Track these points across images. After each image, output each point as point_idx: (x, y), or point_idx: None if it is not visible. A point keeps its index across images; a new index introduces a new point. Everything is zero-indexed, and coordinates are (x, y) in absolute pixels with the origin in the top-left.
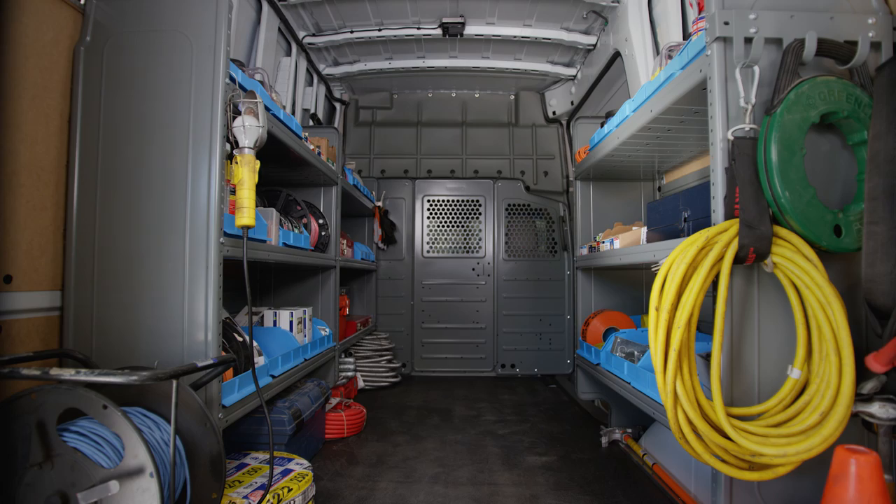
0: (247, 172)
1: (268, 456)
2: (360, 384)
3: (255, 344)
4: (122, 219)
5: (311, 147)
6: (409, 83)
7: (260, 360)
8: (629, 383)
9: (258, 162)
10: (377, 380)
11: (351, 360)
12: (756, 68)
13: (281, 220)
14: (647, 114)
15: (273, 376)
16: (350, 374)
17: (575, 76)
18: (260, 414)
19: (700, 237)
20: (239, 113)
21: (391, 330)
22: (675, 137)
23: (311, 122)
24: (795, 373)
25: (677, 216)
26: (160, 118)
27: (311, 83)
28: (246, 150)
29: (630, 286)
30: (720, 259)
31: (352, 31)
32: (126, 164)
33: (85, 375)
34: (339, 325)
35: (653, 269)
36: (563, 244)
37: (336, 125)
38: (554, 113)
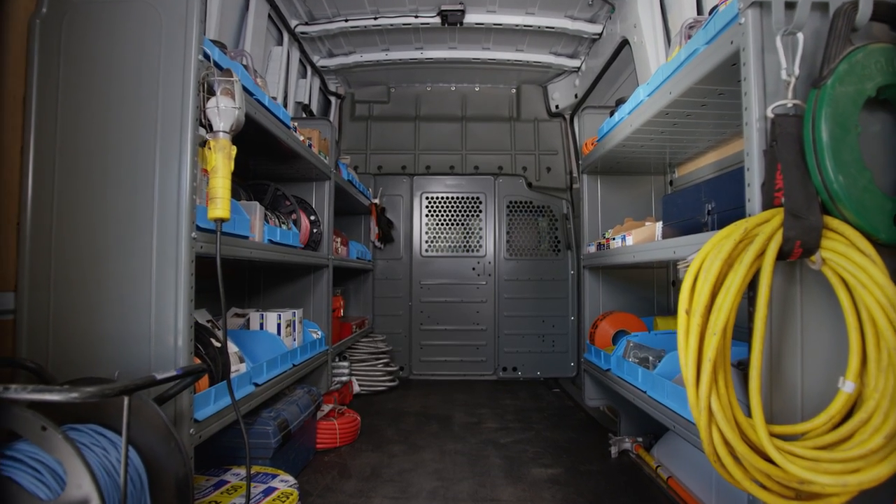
0: (221, 159)
1: (252, 472)
2: (356, 389)
3: (236, 350)
4: (83, 211)
5: (301, 138)
6: (406, 76)
7: (241, 367)
8: (645, 392)
9: (234, 148)
10: (373, 384)
11: (345, 363)
12: (800, 35)
13: (267, 216)
14: (664, 97)
15: (256, 385)
16: (344, 378)
17: (579, 68)
18: (244, 424)
19: (737, 229)
20: (214, 94)
21: (388, 332)
22: (693, 124)
23: (303, 115)
24: (848, 386)
25: (699, 209)
26: (125, 99)
27: (304, 75)
28: (221, 133)
29: (640, 286)
30: (760, 254)
31: (346, 20)
32: (87, 150)
33: (15, 392)
34: (333, 328)
35: (680, 267)
36: (566, 243)
37: (331, 119)
38: (557, 107)
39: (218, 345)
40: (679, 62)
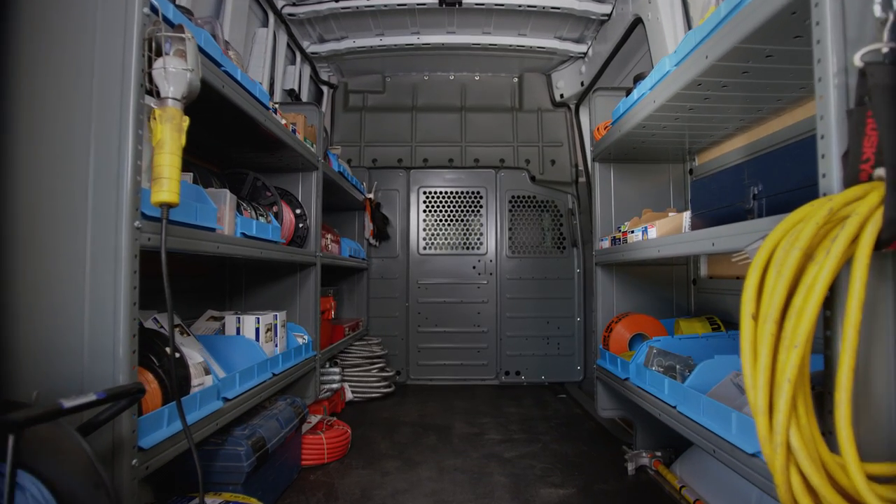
0: (169, 131)
1: (221, 501)
2: (349, 396)
3: (200, 360)
4: None
5: (283, 122)
6: (403, 64)
7: (206, 381)
8: (674, 407)
9: (186, 119)
10: (368, 391)
11: (337, 369)
12: None
13: (241, 206)
14: (698, 63)
15: (226, 399)
16: (335, 386)
17: (585, 53)
18: (212, 445)
19: (818, 210)
20: (167, 55)
21: (384, 334)
22: (727, 98)
23: (289, 100)
24: None
25: (741, 193)
26: (55, 60)
27: (293, 62)
28: (169, 101)
29: (657, 285)
30: (853, 241)
31: (337, 0)
32: (6, 121)
33: None
34: (323, 331)
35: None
36: (571, 239)
37: (323, 110)
38: (562, 96)
39: (177, 355)
40: (719, 19)
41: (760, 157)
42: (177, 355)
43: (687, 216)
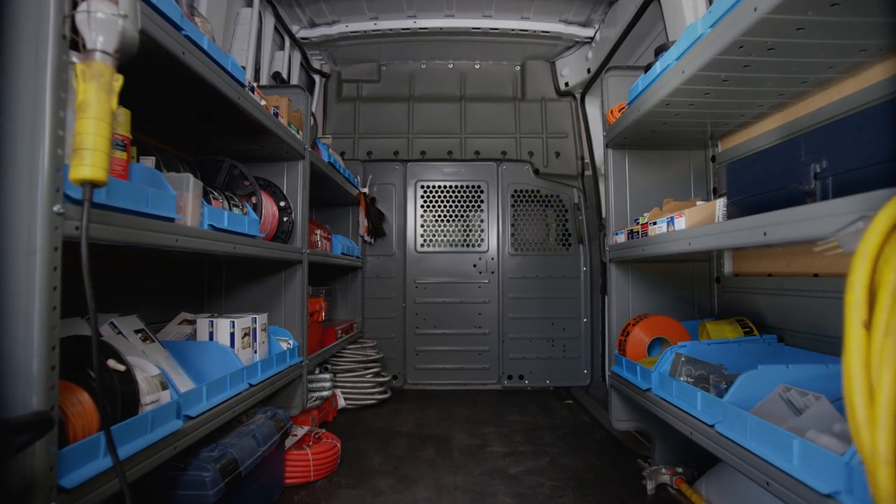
0: (94, 92)
1: None
2: (341, 403)
3: (155, 373)
4: None
5: (263, 103)
6: (399, 52)
7: (163, 396)
8: (712, 426)
9: (119, 77)
10: (362, 397)
11: (327, 375)
12: None
13: (210, 194)
14: (745, 18)
15: (189, 417)
16: (326, 393)
17: (592, 38)
18: (174, 471)
19: None
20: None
21: (380, 336)
22: (771, 65)
23: (275, 83)
24: None
25: (796, 173)
26: None
27: (281, 47)
28: (97, 54)
29: (676, 284)
30: None
31: None
32: None
33: None
34: (312, 335)
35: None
36: (577, 236)
37: (315, 99)
38: (567, 84)
39: (122, 368)
40: None
41: (824, 127)
42: (122, 368)
43: (721, 204)
